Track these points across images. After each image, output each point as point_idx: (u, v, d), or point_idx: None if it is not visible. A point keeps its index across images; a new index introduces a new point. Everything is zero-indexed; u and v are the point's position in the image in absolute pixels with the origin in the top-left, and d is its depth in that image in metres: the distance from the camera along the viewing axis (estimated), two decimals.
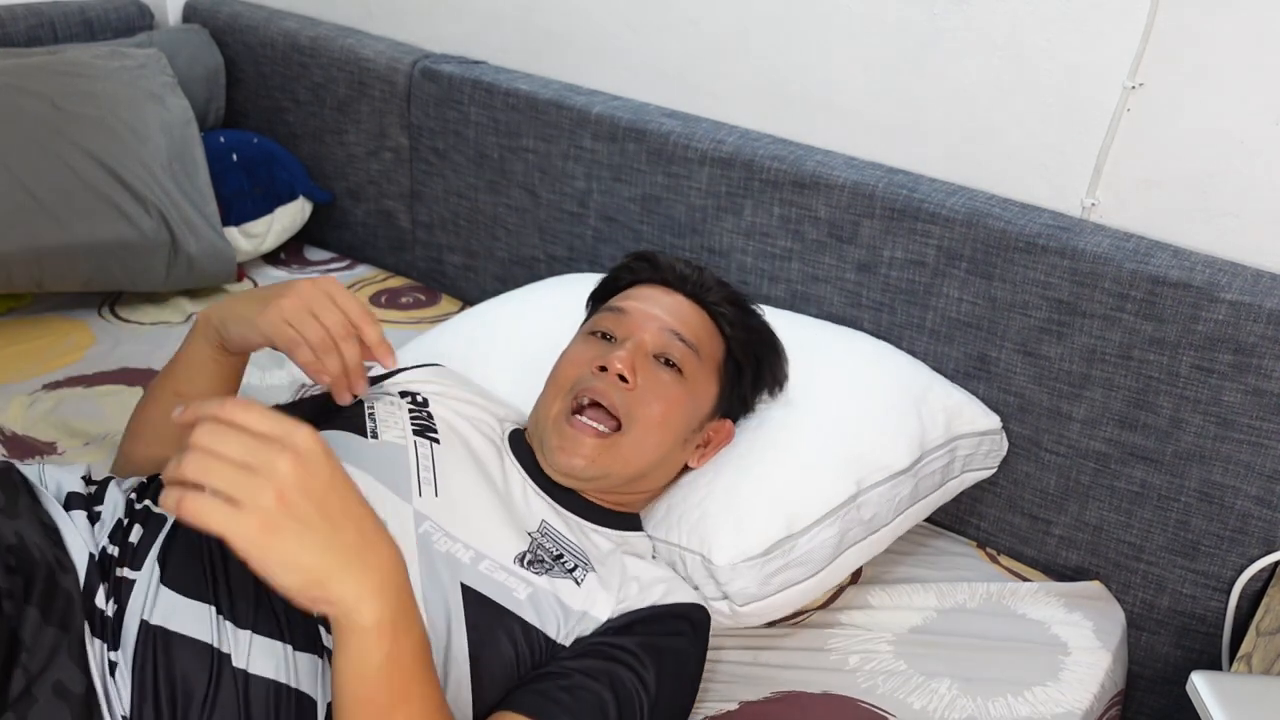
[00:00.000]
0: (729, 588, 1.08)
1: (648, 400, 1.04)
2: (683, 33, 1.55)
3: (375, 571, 0.70)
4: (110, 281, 1.68)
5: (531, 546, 0.99)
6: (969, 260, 1.30)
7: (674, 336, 1.08)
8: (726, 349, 1.14)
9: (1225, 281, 1.16)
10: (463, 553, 0.95)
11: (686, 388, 1.07)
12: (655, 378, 1.06)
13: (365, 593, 0.69)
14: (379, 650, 0.70)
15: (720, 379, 1.12)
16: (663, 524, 1.12)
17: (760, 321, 1.18)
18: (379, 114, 1.83)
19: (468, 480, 1.03)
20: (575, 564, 0.99)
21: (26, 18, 1.86)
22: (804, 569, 1.11)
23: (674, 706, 0.95)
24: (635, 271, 1.18)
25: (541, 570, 0.97)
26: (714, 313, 1.13)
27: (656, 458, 1.07)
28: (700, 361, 1.09)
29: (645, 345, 1.07)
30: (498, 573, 0.95)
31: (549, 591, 0.95)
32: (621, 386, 1.04)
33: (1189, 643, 1.29)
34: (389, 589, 0.71)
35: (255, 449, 0.67)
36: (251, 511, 0.65)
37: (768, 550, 1.08)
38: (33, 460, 1.01)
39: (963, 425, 1.27)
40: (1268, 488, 1.18)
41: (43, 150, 1.61)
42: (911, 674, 1.14)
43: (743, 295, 1.18)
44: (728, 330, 1.13)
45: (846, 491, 1.13)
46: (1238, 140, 1.18)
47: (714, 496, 1.10)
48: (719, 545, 1.07)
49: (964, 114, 1.35)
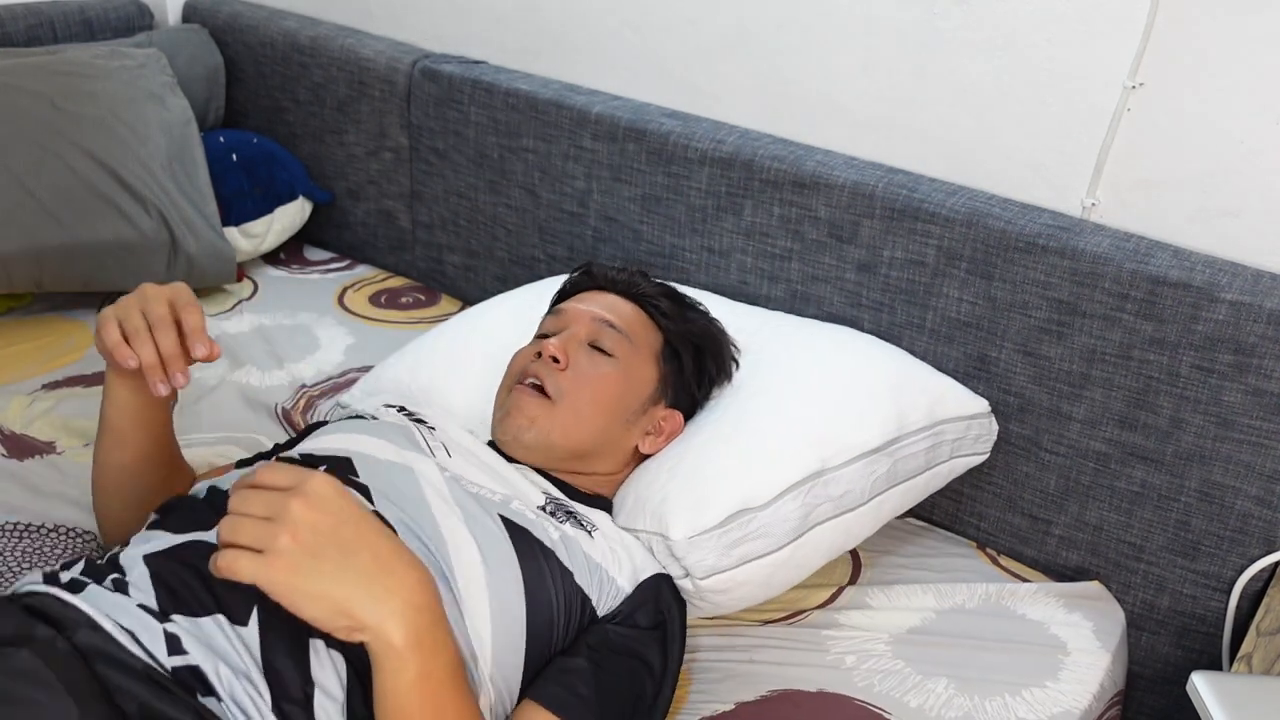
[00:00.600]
0: (686, 560, 1.09)
1: (578, 378, 1.14)
2: (683, 33, 1.55)
3: (398, 594, 0.76)
4: (110, 281, 1.67)
5: (548, 500, 1.08)
6: (969, 260, 1.30)
7: (605, 325, 1.18)
8: (664, 339, 1.22)
9: (1225, 281, 1.16)
10: (492, 494, 1.03)
11: (619, 368, 1.16)
12: (587, 359, 1.15)
13: (389, 614, 0.75)
14: (410, 668, 0.76)
15: (659, 366, 1.20)
16: (630, 514, 1.14)
17: (699, 314, 1.27)
18: (379, 114, 1.83)
19: (469, 446, 1.12)
20: (585, 522, 1.07)
21: (26, 17, 1.86)
22: (766, 541, 1.11)
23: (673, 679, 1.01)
24: (577, 283, 1.28)
25: (564, 519, 1.04)
26: (647, 306, 1.23)
27: (595, 430, 1.14)
28: (634, 347, 1.18)
29: (579, 334, 1.17)
30: (529, 512, 1.02)
31: (574, 538, 1.02)
32: (554, 367, 1.14)
33: (1189, 643, 1.29)
34: (413, 609, 0.77)
35: (272, 501, 0.75)
36: (273, 556, 0.73)
37: (724, 522, 1.10)
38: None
39: (947, 409, 1.27)
40: (1268, 488, 1.18)
41: (42, 150, 1.61)
42: (909, 673, 1.14)
43: (681, 294, 1.28)
44: (663, 321, 1.22)
45: (808, 468, 1.15)
46: (1238, 140, 1.18)
47: (675, 481, 1.13)
48: (675, 523, 1.10)
49: (964, 114, 1.35)
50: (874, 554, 1.34)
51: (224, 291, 1.83)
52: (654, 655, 0.98)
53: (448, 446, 1.10)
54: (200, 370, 1.60)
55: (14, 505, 1.26)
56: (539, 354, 1.15)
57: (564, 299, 1.27)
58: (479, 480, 1.05)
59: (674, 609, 1.05)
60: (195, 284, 1.75)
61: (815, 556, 1.18)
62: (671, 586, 1.08)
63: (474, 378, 1.34)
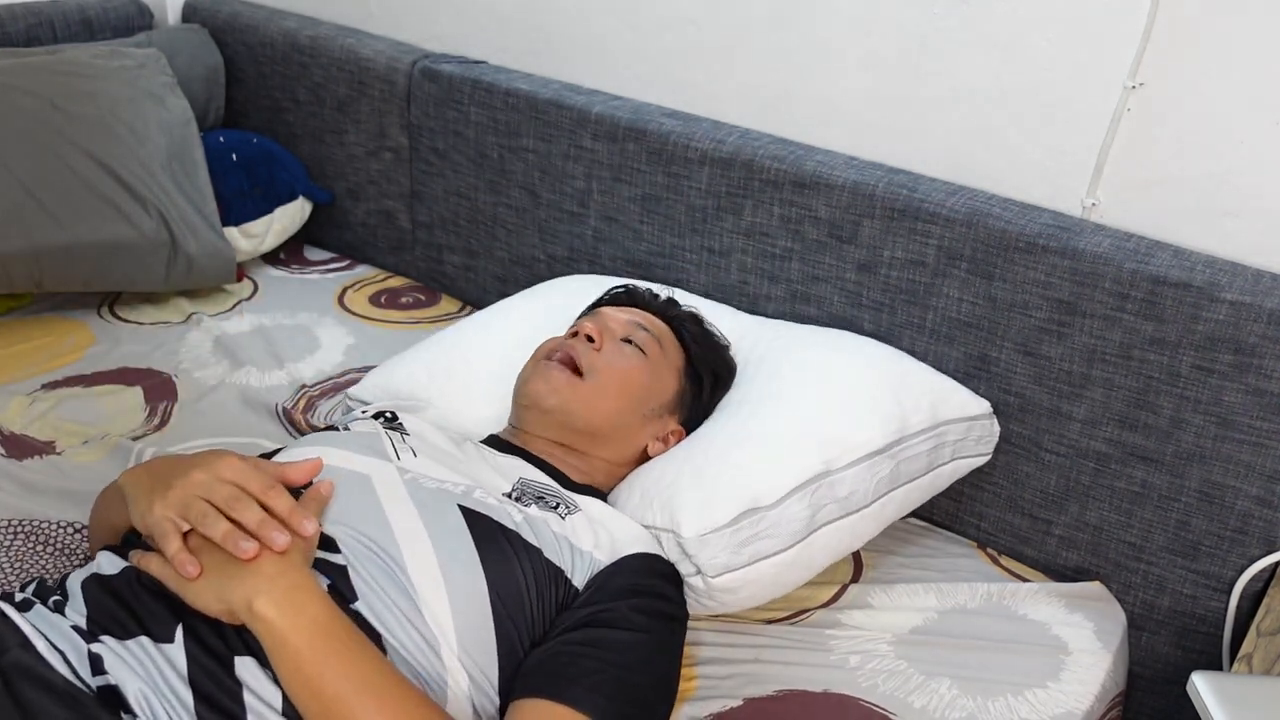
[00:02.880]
0: (699, 558, 1.10)
1: (611, 360, 1.18)
2: (683, 33, 1.55)
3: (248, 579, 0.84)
4: (110, 281, 1.67)
5: (516, 487, 1.09)
6: (969, 260, 1.30)
7: (638, 327, 1.23)
8: (688, 358, 1.26)
9: (1225, 281, 1.16)
10: (453, 487, 1.04)
11: (648, 364, 1.20)
12: (619, 348, 1.20)
13: (250, 593, 0.84)
14: (280, 633, 0.83)
15: (681, 380, 1.24)
16: (638, 508, 1.14)
17: (722, 346, 1.32)
18: (379, 114, 1.83)
19: (442, 446, 1.14)
20: (558, 503, 1.08)
21: (26, 17, 1.85)
22: (775, 541, 1.12)
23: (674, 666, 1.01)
24: (615, 298, 1.35)
25: (529, 503, 1.06)
26: (677, 326, 1.28)
27: (613, 412, 1.17)
28: (663, 351, 1.23)
29: (614, 329, 1.22)
30: (491, 499, 1.04)
31: (540, 519, 1.03)
32: (588, 346, 1.18)
33: (1189, 643, 1.29)
34: (264, 579, 0.84)
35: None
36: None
37: (734, 520, 1.10)
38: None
39: (949, 411, 1.28)
40: (1268, 488, 1.18)
41: (42, 150, 1.61)
42: (912, 674, 1.14)
43: (705, 320, 1.33)
44: (691, 346, 1.27)
45: (813, 469, 1.16)
46: (1238, 140, 1.18)
47: (683, 478, 1.15)
48: (687, 520, 1.10)
49: (964, 114, 1.35)
50: (875, 553, 1.34)
51: (224, 291, 1.83)
52: (640, 622, 0.98)
53: (416, 449, 1.11)
54: (200, 370, 1.60)
55: (14, 505, 1.26)
56: (574, 333, 1.20)
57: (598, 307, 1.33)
58: (440, 476, 1.06)
59: (660, 585, 1.04)
60: (195, 284, 1.76)
61: (821, 557, 1.18)
62: (664, 566, 1.08)
63: (479, 385, 1.34)
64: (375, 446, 1.09)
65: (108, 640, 0.87)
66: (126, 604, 0.90)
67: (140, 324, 1.71)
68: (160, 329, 1.70)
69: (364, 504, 1.00)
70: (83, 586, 0.93)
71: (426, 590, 0.93)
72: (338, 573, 0.92)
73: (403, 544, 0.95)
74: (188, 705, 0.84)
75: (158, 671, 0.85)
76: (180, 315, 1.75)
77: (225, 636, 0.87)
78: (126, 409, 1.48)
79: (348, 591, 0.91)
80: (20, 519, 1.24)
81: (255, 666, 0.86)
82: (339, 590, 0.91)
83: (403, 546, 0.95)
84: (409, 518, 0.98)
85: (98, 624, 0.89)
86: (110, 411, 1.47)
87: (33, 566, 1.18)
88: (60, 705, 0.81)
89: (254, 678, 0.85)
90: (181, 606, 0.87)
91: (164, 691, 0.84)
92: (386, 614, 0.91)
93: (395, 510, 0.99)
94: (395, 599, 0.92)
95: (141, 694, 0.84)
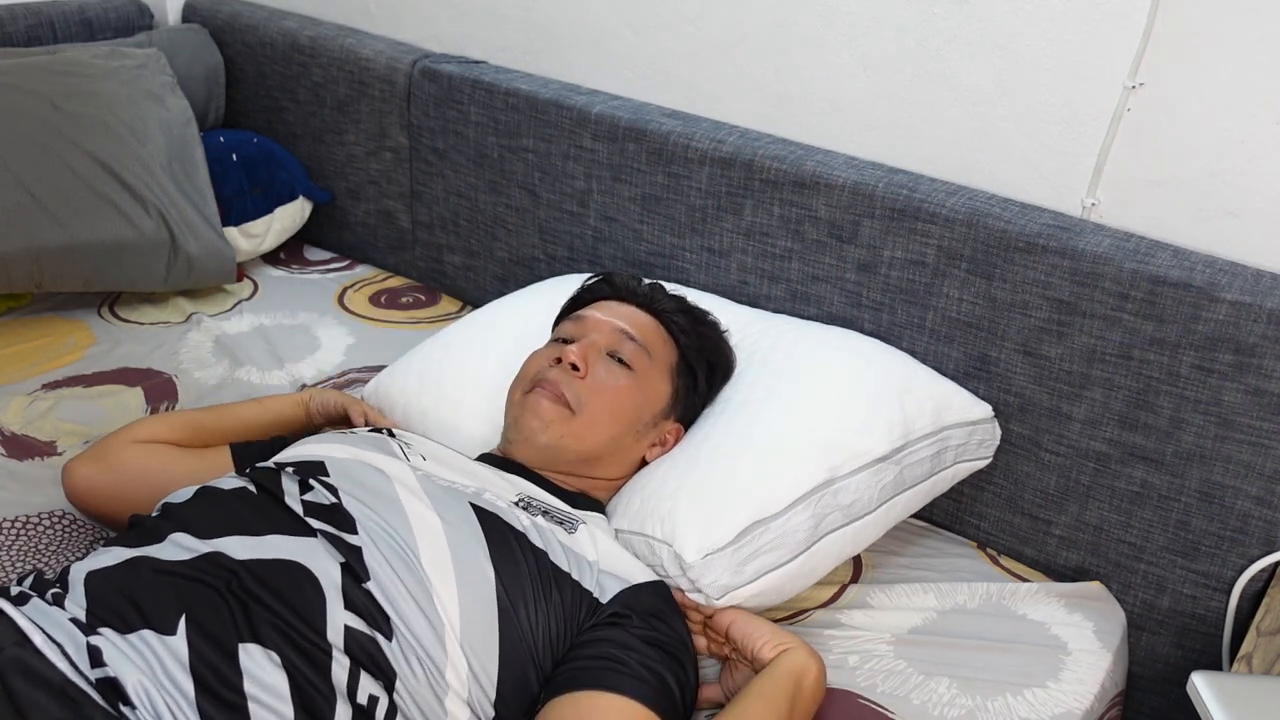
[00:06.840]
0: (701, 582, 1.08)
1: (597, 388, 1.16)
2: (683, 33, 1.55)
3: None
4: (110, 281, 1.67)
5: (522, 498, 1.10)
6: (969, 260, 1.30)
7: (625, 336, 1.20)
8: (680, 353, 1.24)
9: (1225, 281, 1.16)
10: (464, 487, 1.08)
11: (636, 381, 1.18)
12: (606, 369, 1.17)
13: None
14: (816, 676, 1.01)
15: (674, 380, 1.22)
16: (637, 517, 1.14)
17: (711, 327, 1.29)
18: (379, 114, 1.83)
19: (446, 455, 1.16)
20: (563, 519, 1.09)
21: (26, 17, 1.86)
22: (779, 554, 1.11)
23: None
24: (595, 290, 1.30)
25: (535, 514, 1.07)
26: (666, 320, 1.25)
27: (607, 439, 1.16)
28: (652, 361, 1.20)
29: (598, 343, 1.19)
30: (500, 503, 1.06)
31: (547, 529, 1.05)
32: (574, 375, 1.16)
33: (1189, 643, 1.29)
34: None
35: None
36: None
37: (737, 537, 1.09)
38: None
39: (952, 415, 1.27)
40: (1268, 488, 1.18)
41: (42, 150, 1.61)
42: (911, 673, 1.14)
43: (694, 306, 1.30)
44: (680, 337, 1.25)
45: (818, 477, 1.15)
46: (1238, 140, 1.18)
47: (684, 489, 1.14)
48: (689, 540, 1.09)
49: (964, 114, 1.35)
50: (875, 554, 1.34)
51: (224, 291, 1.83)
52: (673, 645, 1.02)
53: (424, 455, 1.14)
54: (201, 370, 1.60)
55: (14, 505, 1.26)
56: (558, 359, 1.17)
57: (581, 305, 1.29)
58: (451, 477, 1.09)
59: (673, 619, 1.06)
60: (195, 284, 1.76)
61: (825, 564, 1.17)
62: (666, 594, 1.09)
63: (483, 389, 1.34)
64: (384, 448, 1.12)
65: (107, 633, 0.87)
66: (130, 596, 0.90)
67: (140, 324, 1.71)
68: (160, 329, 1.70)
69: (381, 491, 1.03)
70: (85, 579, 0.93)
71: (437, 577, 0.96)
72: (353, 553, 0.96)
73: (417, 531, 0.99)
74: (188, 695, 0.84)
75: (158, 663, 0.86)
76: (180, 315, 1.75)
77: (229, 624, 0.88)
78: (127, 409, 1.48)
79: (361, 571, 0.94)
80: (20, 519, 1.24)
81: (259, 653, 0.87)
82: (352, 569, 0.94)
83: (417, 533, 0.99)
84: (423, 508, 1.02)
85: (97, 616, 0.89)
86: (110, 412, 1.47)
87: (33, 567, 1.18)
88: (56, 702, 0.81)
89: (257, 665, 0.86)
90: (185, 596, 0.89)
91: (164, 682, 0.85)
92: (397, 596, 0.94)
93: (410, 500, 1.03)
94: (407, 582, 0.95)
95: (141, 685, 0.84)
